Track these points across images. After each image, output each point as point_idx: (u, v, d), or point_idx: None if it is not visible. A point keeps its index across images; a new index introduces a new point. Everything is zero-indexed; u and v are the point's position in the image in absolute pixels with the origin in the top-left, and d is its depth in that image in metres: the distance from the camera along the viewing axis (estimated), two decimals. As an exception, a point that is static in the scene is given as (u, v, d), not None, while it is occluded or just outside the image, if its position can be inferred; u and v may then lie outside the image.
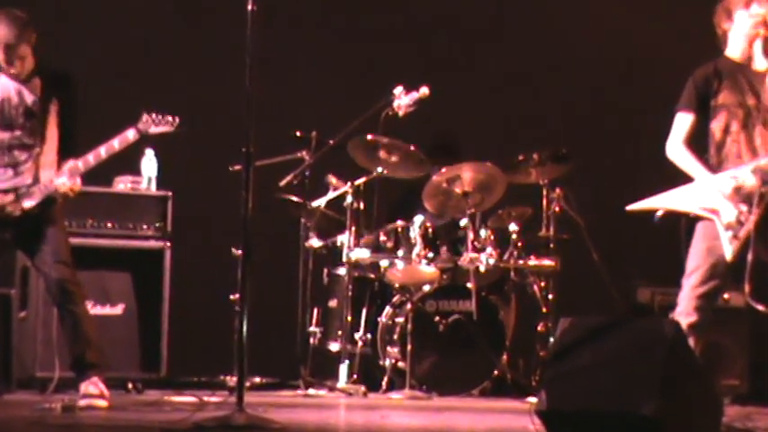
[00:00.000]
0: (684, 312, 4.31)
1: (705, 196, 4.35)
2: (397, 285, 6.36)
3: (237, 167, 5.45)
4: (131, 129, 4.98)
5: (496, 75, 7.41)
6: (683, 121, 4.46)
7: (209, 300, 6.41)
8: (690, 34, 5.53)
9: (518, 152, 6.39)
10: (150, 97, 5.27)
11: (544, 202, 6.34)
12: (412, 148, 6.28)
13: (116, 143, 4.95)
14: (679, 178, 4.44)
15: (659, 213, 4.40)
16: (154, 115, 5.01)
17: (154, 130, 5.03)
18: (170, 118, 5.06)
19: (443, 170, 6.26)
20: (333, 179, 6.41)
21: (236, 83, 4.17)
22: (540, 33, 7.47)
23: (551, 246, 6.28)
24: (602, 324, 3.85)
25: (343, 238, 6.23)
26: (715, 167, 4.39)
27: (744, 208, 4.27)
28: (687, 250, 4.41)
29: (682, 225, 4.48)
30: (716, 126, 4.43)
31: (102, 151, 4.94)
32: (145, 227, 5.98)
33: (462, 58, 7.46)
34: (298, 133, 6.43)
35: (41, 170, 4.89)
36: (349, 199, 6.21)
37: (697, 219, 4.38)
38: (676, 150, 4.45)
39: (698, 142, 4.46)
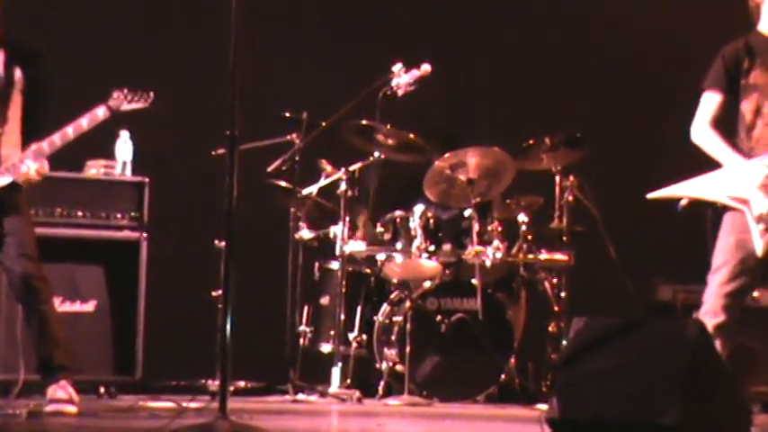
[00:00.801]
0: (710, 312, 4.31)
1: (734, 184, 4.34)
2: (395, 281, 6.37)
3: (221, 151, 5.44)
4: (101, 106, 4.96)
5: (505, 52, 7.41)
6: (709, 102, 4.45)
7: (190, 296, 6.42)
8: (718, 8, 5.53)
9: (528, 136, 6.39)
10: (125, 74, 5.26)
11: (557, 190, 6.33)
12: (411, 135, 6.27)
13: (84, 122, 4.92)
14: (705, 164, 4.43)
15: (683, 202, 4.39)
16: (126, 91, 4.99)
17: (126, 107, 5.01)
18: (144, 94, 5.03)
19: (446, 155, 6.26)
20: (325, 165, 6.40)
21: (220, 58, 4.16)
22: (553, 7, 7.46)
23: (564, 239, 6.28)
24: (620, 325, 3.86)
25: (337, 229, 6.22)
26: (745, 153, 4.38)
27: (776, 198, 4.26)
28: (713, 244, 4.40)
29: (708, 216, 4.47)
30: (746, 107, 4.41)
31: (70, 131, 4.91)
32: (119, 216, 5.97)
33: (467, 33, 7.44)
34: (287, 114, 6.43)
35: (3, 151, 4.87)
36: (343, 186, 6.21)
37: (725, 209, 4.37)
38: (702, 133, 4.44)
39: (726, 125, 4.45)
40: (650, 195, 4.46)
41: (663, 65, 7.33)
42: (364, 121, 6.25)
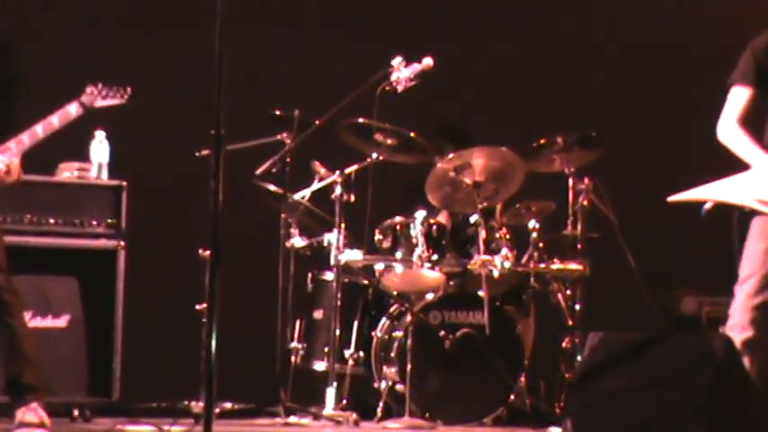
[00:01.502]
0: (738, 326, 4.30)
1: (763, 187, 4.33)
2: (394, 293, 6.36)
3: (205, 153, 5.43)
4: (74, 103, 4.96)
5: (513, 43, 7.41)
6: (738, 97, 4.44)
7: (172, 310, 6.41)
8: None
9: (539, 135, 6.39)
10: (101, 68, 5.26)
11: (570, 194, 6.33)
12: (412, 134, 6.27)
13: (55, 120, 4.92)
14: (732, 165, 4.43)
15: (707, 206, 4.38)
16: (101, 86, 4.98)
17: (101, 103, 5.01)
18: (120, 89, 5.03)
19: (450, 156, 6.25)
20: (319, 167, 6.40)
21: (204, 51, 4.15)
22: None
23: (579, 246, 6.27)
24: (640, 340, 3.86)
25: (331, 237, 6.22)
26: (775, 152, 4.38)
27: (810, 202, 4.26)
28: (741, 252, 4.39)
29: (734, 221, 4.46)
30: (777, 103, 4.42)
31: (39, 130, 4.91)
32: (94, 223, 5.96)
33: (473, 24, 7.45)
34: (277, 112, 6.42)
35: (-32, 152, 4.87)
36: (338, 190, 6.20)
37: (753, 213, 4.37)
38: (730, 131, 4.44)
39: (756, 123, 4.44)
40: (672, 198, 4.46)
41: (686, 57, 7.33)
42: (361, 120, 6.25)
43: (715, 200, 4.38)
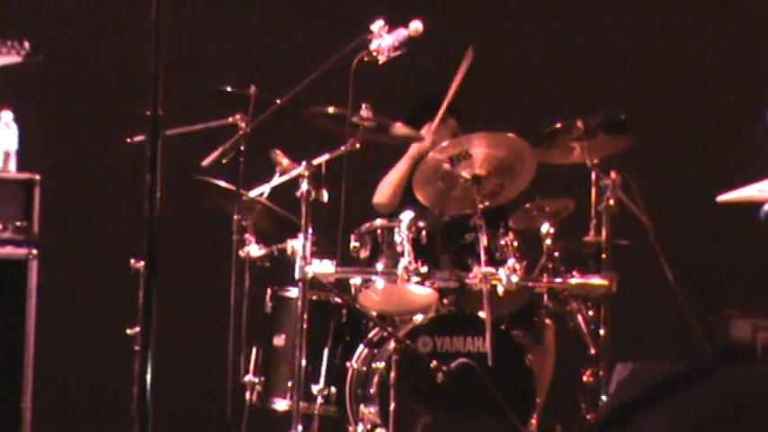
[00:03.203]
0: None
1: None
2: (374, 314, 6.36)
3: (139, 139, 5.41)
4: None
5: (521, 4, 7.42)
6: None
7: (96, 334, 6.41)
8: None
9: (554, 118, 6.41)
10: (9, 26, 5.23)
11: (593, 191, 6.34)
12: (398, 125, 6.26)
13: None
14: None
15: (766, 207, 4.39)
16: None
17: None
18: (15, 44, 5.01)
19: (444, 144, 6.25)
20: (280, 157, 6.39)
21: (138, 12, 4.13)
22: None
23: (603, 256, 6.28)
24: (679, 373, 3.86)
25: (296, 244, 6.21)
26: None
27: None
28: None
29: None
30: None
31: None
32: (0, 226, 5.94)
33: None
34: (228, 89, 6.42)
35: None
36: (304, 186, 6.19)
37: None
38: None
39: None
40: (722, 198, 4.47)
41: (734, 35, 7.35)
42: (331, 109, 6.24)
43: (773, 199, 4.40)
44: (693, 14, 7.50)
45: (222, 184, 6.34)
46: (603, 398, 5.98)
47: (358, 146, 6.23)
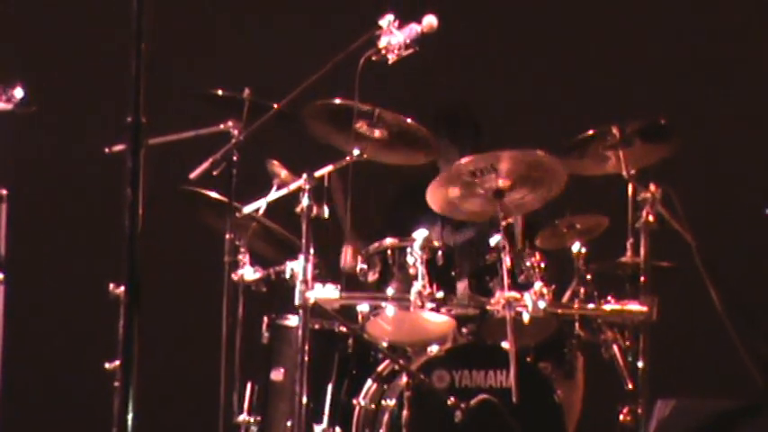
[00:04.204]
0: None
1: None
2: (384, 345, 6.37)
3: (118, 148, 5.43)
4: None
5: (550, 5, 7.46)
6: None
7: (71, 368, 6.42)
8: None
9: (586, 125, 6.41)
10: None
11: (629, 206, 6.35)
12: (408, 122, 6.28)
13: None
14: None
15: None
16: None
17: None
18: (5, 89, 5.07)
19: (466, 159, 6.25)
20: (278, 168, 6.41)
21: (120, 9, 4.16)
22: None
23: (642, 280, 6.29)
24: (727, 411, 3.87)
25: (296, 267, 6.22)
26: None
27: None
28: None
29: None
30: None
31: None
32: (-37, 247, 5.97)
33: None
34: (219, 92, 6.43)
35: None
36: (305, 201, 6.21)
37: None
38: None
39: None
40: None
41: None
42: (338, 101, 6.26)
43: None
44: (746, 11, 7.51)
45: (213, 198, 6.35)
46: (643, 439, 6.01)
47: (365, 156, 6.26)
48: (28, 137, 6.55)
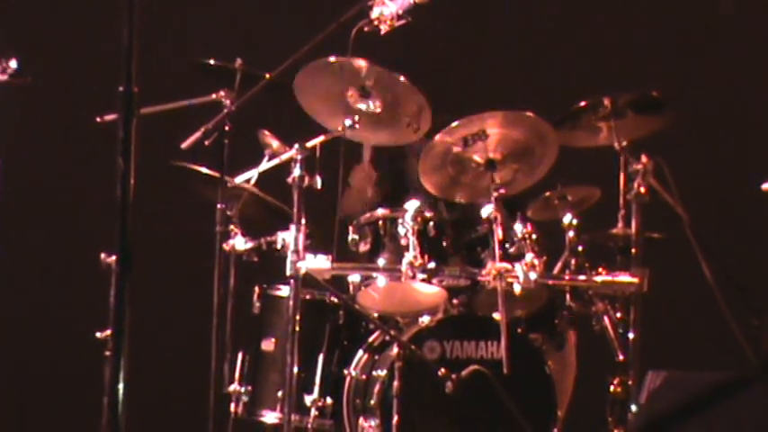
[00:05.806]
0: None
1: None
2: (375, 315, 6.37)
3: (110, 118, 5.41)
4: None
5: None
6: None
7: (62, 337, 6.41)
8: None
9: (578, 96, 6.41)
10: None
11: (621, 178, 6.34)
12: (402, 78, 6.24)
13: None
14: None
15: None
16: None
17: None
18: (2, 60, 5.06)
19: (454, 124, 6.25)
20: (269, 138, 6.39)
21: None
22: None
23: (633, 251, 6.28)
24: (718, 383, 3.86)
25: (288, 237, 6.21)
26: None
27: None
28: None
29: None
30: None
31: None
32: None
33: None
34: (211, 62, 6.41)
35: None
36: (297, 171, 6.19)
37: None
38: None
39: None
40: (766, 186, 4.46)
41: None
42: (332, 58, 6.22)
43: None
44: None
45: (204, 169, 6.34)
46: (633, 410, 6.00)
47: (357, 126, 6.23)
48: (17, 105, 6.52)
